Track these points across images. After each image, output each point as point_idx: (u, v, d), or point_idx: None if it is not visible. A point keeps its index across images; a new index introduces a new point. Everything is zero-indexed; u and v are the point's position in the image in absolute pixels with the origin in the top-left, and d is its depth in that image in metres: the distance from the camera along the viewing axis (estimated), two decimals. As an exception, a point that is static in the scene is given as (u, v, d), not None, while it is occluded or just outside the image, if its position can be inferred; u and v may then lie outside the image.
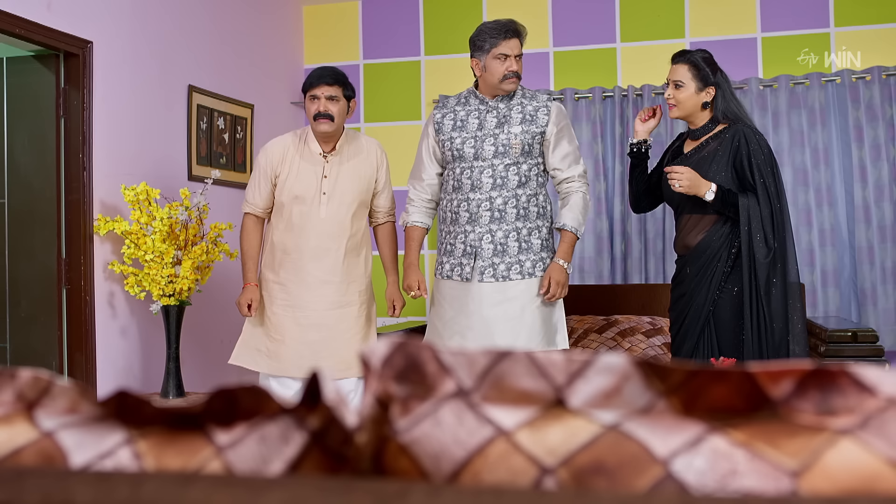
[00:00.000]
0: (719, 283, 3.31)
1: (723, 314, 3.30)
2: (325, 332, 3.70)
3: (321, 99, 3.67)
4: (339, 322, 3.71)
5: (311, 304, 3.70)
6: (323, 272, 3.71)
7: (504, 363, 0.65)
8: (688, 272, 3.41)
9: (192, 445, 0.66)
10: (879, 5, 5.19)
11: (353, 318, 3.75)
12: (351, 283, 3.75)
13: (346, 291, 3.74)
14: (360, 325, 3.77)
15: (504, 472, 0.61)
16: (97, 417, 0.71)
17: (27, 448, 0.69)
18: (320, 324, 3.70)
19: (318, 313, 3.70)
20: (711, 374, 0.62)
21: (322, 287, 3.70)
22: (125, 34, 4.37)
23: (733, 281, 3.29)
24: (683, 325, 3.41)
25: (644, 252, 5.38)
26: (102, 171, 4.19)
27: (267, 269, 3.84)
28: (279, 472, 0.63)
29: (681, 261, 3.50)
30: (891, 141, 5.05)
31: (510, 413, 0.63)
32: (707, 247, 3.34)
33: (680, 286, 3.47)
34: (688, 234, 3.43)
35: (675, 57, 3.46)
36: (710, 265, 3.33)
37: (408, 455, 0.63)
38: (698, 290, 3.35)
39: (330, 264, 3.71)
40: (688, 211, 3.43)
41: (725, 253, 3.31)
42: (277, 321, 3.75)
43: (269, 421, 0.66)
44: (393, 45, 5.99)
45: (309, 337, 3.70)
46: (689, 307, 3.37)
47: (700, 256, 3.36)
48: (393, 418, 0.64)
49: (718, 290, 3.31)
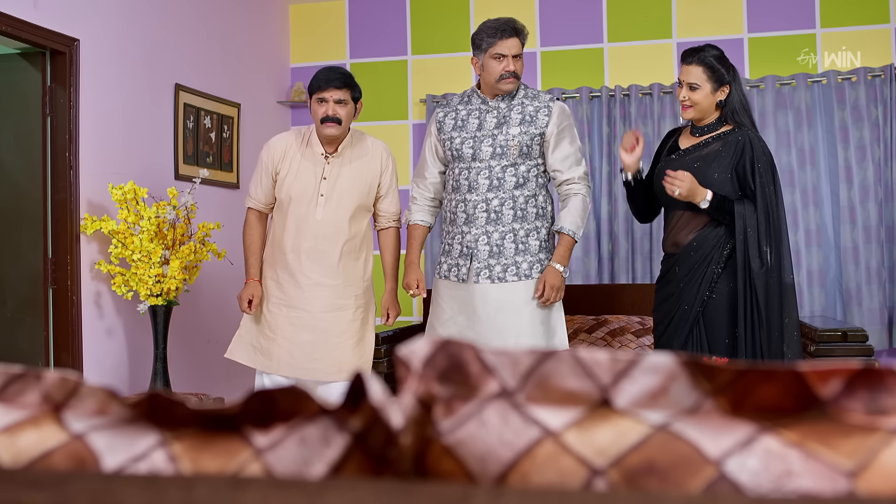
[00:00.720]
0: (710, 283, 3.28)
1: (714, 314, 3.28)
2: (319, 335, 3.67)
3: (329, 102, 3.60)
4: (333, 325, 3.68)
5: (306, 305, 3.67)
6: (318, 274, 3.67)
7: (548, 363, 0.64)
8: (677, 271, 3.36)
9: (229, 447, 0.64)
10: (865, 6, 5.23)
11: (348, 321, 3.70)
12: (347, 286, 3.70)
13: (342, 294, 3.69)
14: (355, 328, 3.73)
15: (553, 473, 0.60)
16: (127, 419, 0.69)
17: (57, 451, 0.68)
18: (314, 325, 3.67)
19: (312, 315, 3.67)
20: (760, 374, 0.61)
21: (317, 289, 3.67)
22: (112, 32, 4.33)
23: (725, 281, 3.27)
24: (670, 325, 3.36)
25: (631, 252, 5.39)
26: (89, 170, 4.15)
27: (266, 266, 3.80)
28: (321, 475, 0.62)
29: (669, 260, 3.44)
30: (876, 142, 5.09)
31: (556, 413, 0.63)
32: (700, 246, 3.31)
33: (668, 286, 3.41)
34: (679, 231, 3.39)
35: (688, 57, 3.36)
36: (702, 265, 3.29)
37: (452, 457, 0.62)
38: (688, 290, 3.31)
39: (325, 266, 3.67)
40: (680, 207, 3.37)
41: (718, 253, 3.28)
42: (272, 319, 3.72)
43: (308, 422, 0.65)
44: (380, 45, 5.97)
45: (301, 338, 3.67)
46: (678, 307, 3.34)
47: (692, 255, 3.32)
48: (436, 419, 0.63)
49: (709, 291, 3.29)
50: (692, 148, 3.41)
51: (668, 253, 3.49)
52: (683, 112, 3.37)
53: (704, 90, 3.31)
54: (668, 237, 3.48)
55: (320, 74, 3.66)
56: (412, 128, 5.92)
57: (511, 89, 3.59)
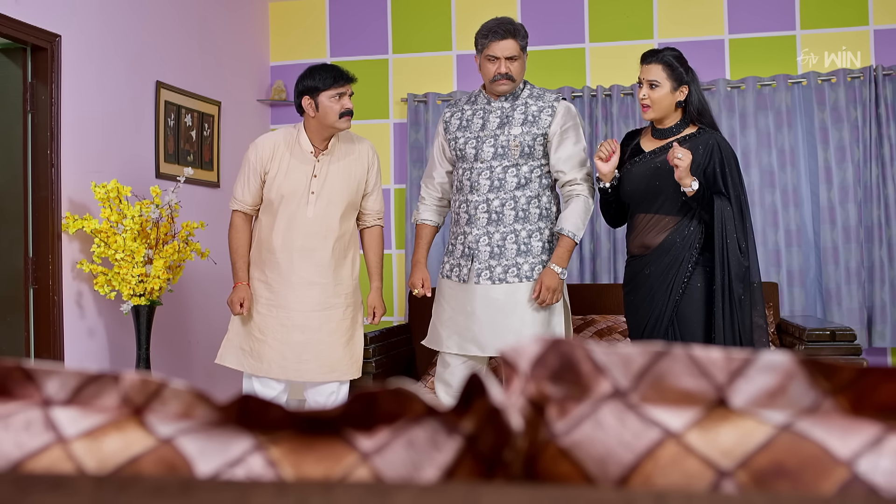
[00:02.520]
0: (682, 281, 3.29)
1: (687, 311, 3.27)
2: (309, 334, 3.64)
3: (346, 96, 3.62)
4: (323, 324, 3.65)
5: (296, 305, 3.64)
6: (309, 272, 3.64)
7: (662, 362, 0.62)
8: (647, 273, 3.36)
9: (332, 452, 0.62)
10: (845, 8, 5.28)
11: (338, 320, 3.68)
12: (337, 284, 3.68)
13: (332, 293, 3.67)
14: (345, 327, 3.71)
15: (678, 475, 0.58)
16: (215, 422, 0.67)
17: (146, 456, 0.65)
18: (304, 325, 3.63)
19: (303, 314, 3.63)
20: (882, 373, 0.60)
21: (308, 288, 3.64)
22: (94, 28, 4.26)
23: (696, 278, 3.29)
24: (647, 328, 3.36)
25: (613, 252, 5.40)
26: (70, 168, 4.08)
27: (253, 267, 3.76)
28: (434, 479, 0.60)
29: (637, 262, 3.43)
30: (855, 143, 5.14)
31: (674, 414, 0.61)
32: (671, 246, 3.31)
33: (639, 289, 3.40)
34: (647, 233, 3.38)
35: (647, 57, 3.40)
36: (674, 265, 3.30)
37: (569, 459, 0.60)
38: (660, 290, 3.31)
39: (316, 265, 3.64)
40: (643, 210, 3.40)
41: (686, 253, 3.30)
42: (261, 320, 3.68)
43: (414, 425, 0.62)
44: (361, 43, 5.93)
45: (292, 338, 3.63)
46: (651, 309, 3.34)
47: (664, 256, 3.32)
48: (550, 420, 0.61)
49: (682, 289, 3.29)
50: (658, 150, 3.41)
51: (635, 255, 3.47)
52: (644, 112, 3.39)
53: (664, 88, 3.34)
54: (634, 239, 3.47)
55: (331, 70, 3.64)
56: (393, 127, 5.89)
57: (504, 91, 3.56)
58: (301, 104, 3.67)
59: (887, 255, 5.07)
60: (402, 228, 5.80)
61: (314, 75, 3.65)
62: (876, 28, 5.25)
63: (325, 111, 3.61)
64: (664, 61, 3.35)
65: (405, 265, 5.66)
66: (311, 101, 3.63)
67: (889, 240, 5.07)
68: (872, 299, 5.10)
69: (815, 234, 5.24)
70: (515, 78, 3.54)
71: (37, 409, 0.69)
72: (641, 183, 3.39)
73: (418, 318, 5.24)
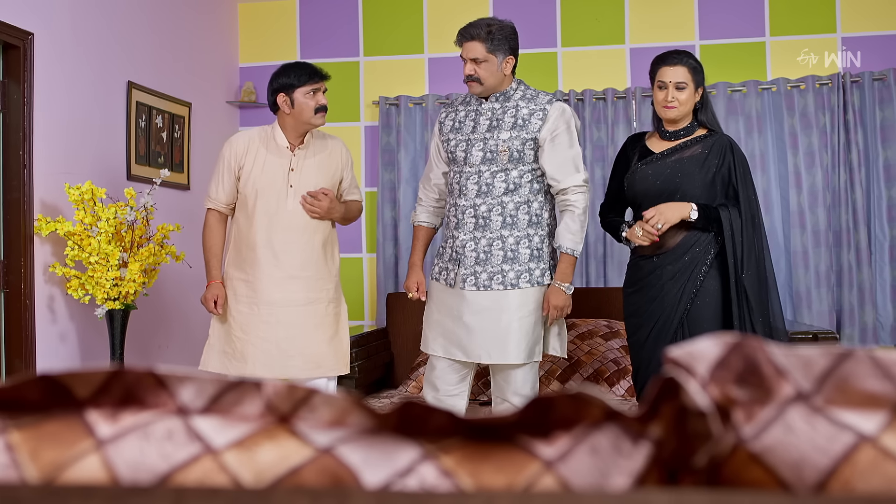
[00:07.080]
0: (697, 283, 3.31)
1: (700, 314, 3.30)
2: (294, 330, 3.61)
3: (321, 92, 3.63)
4: (307, 319, 3.62)
5: (278, 301, 3.60)
6: (290, 267, 3.61)
7: (846, 364, 0.61)
8: (660, 273, 3.36)
9: (512, 460, 0.60)
10: (813, 15, 5.37)
11: (322, 315, 3.66)
12: (319, 278, 3.67)
13: (314, 287, 3.65)
14: (329, 322, 3.69)
15: (879, 480, 0.57)
16: (373, 430, 0.64)
17: (306, 467, 0.62)
18: (288, 321, 3.60)
19: (286, 310, 3.60)
20: None
21: (289, 282, 3.61)
22: (66, 27, 4.15)
23: (710, 280, 3.32)
24: (655, 328, 3.36)
25: (585, 256, 5.42)
26: (42, 170, 3.97)
27: (231, 267, 3.71)
28: (625, 487, 0.57)
29: (648, 262, 3.40)
30: (824, 148, 5.22)
31: (864, 417, 0.60)
32: (691, 246, 3.33)
33: (649, 289, 3.38)
34: (664, 232, 3.40)
35: (670, 59, 3.42)
36: (691, 265, 3.32)
37: (761, 464, 0.58)
38: (673, 290, 3.33)
39: (297, 259, 3.62)
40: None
41: (703, 253, 3.32)
42: (243, 319, 3.63)
43: (594, 430, 0.60)
44: (331, 45, 5.88)
45: (276, 335, 3.59)
46: (663, 309, 3.35)
47: (682, 256, 3.33)
48: (737, 424, 0.60)
49: (695, 290, 3.31)
50: (668, 151, 3.43)
51: (645, 255, 3.44)
52: (667, 111, 3.39)
53: (689, 90, 3.39)
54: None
55: (303, 67, 3.65)
56: (364, 130, 5.85)
57: (476, 93, 3.49)
58: (276, 101, 3.66)
59: (855, 259, 5.16)
60: (373, 232, 5.76)
61: (289, 72, 3.65)
62: (844, 35, 5.34)
63: (301, 108, 3.61)
64: (689, 64, 3.41)
65: (376, 269, 5.62)
66: (286, 98, 3.62)
67: (857, 244, 5.16)
68: (841, 302, 5.19)
69: (784, 238, 5.31)
70: (483, 80, 3.44)
71: (175, 418, 0.66)
72: (657, 182, 3.40)
73: (397, 323, 5.20)
